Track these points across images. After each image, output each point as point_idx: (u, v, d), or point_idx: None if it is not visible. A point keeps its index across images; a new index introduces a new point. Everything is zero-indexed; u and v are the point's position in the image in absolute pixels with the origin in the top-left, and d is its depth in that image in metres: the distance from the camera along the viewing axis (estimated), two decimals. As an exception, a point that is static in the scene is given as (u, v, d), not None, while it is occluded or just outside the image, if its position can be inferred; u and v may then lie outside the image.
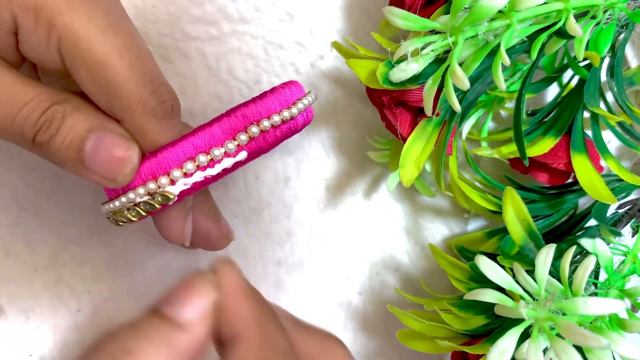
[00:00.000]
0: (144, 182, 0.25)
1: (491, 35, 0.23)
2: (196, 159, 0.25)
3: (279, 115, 0.25)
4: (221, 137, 0.25)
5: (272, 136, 0.26)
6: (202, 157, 0.25)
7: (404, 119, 0.26)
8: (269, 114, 0.25)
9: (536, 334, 0.23)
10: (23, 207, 0.32)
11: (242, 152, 0.25)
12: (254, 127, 0.25)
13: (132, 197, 0.25)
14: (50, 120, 0.23)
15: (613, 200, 0.27)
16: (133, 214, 0.25)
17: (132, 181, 0.25)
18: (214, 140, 0.25)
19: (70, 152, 0.23)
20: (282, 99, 0.26)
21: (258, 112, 0.25)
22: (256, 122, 0.25)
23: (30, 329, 0.33)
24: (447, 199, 0.36)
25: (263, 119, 0.25)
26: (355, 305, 0.36)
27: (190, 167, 0.25)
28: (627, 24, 0.27)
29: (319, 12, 0.35)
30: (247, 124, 0.25)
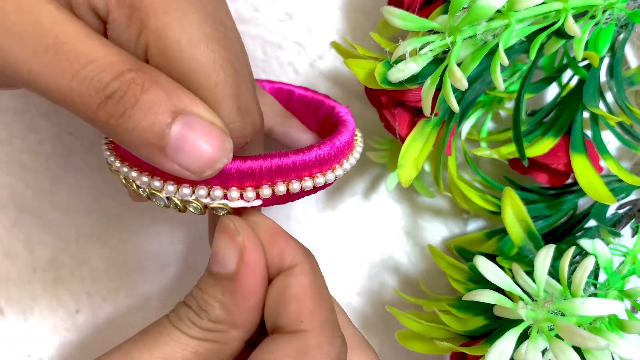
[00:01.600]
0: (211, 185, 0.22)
1: (490, 35, 0.23)
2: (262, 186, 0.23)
3: (313, 180, 0.23)
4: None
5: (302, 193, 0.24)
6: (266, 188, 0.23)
7: (402, 119, 0.26)
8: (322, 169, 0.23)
9: (535, 335, 0.23)
10: (22, 208, 0.32)
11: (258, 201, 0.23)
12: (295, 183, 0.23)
13: (186, 192, 0.22)
14: (125, 90, 0.19)
15: (612, 200, 0.27)
16: (172, 204, 0.23)
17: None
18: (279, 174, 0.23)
19: (148, 135, 0.19)
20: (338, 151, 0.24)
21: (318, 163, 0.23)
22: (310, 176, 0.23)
23: (29, 330, 0.33)
24: (447, 200, 0.36)
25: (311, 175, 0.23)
26: (354, 306, 0.36)
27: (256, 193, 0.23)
28: (627, 24, 0.27)
29: (318, 12, 0.35)
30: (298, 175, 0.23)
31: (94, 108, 0.19)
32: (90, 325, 0.33)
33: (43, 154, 0.33)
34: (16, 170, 0.32)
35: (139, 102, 0.19)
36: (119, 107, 0.19)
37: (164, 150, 0.20)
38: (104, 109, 0.19)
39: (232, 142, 0.21)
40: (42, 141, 0.33)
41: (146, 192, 0.23)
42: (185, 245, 0.34)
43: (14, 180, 0.32)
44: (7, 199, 0.32)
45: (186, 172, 0.20)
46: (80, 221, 0.33)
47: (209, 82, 0.21)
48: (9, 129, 0.32)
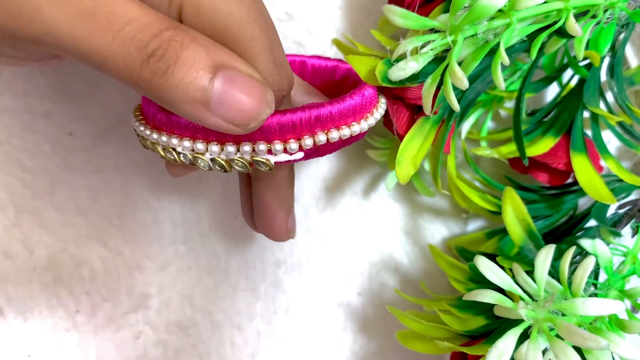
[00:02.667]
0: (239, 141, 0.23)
1: (491, 34, 0.23)
2: (298, 139, 0.23)
3: (349, 128, 0.24)
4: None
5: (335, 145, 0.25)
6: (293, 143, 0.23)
7: (401, 116, 0.26)
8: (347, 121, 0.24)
9: (535, 335, 0.23)
10: (21, 208, 0.32)
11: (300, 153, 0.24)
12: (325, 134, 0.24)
13: (214, 150, 0.23)
14: (165, 47, 0.19)
15: (613, 200, 0.27)
16: (217, 165, 0.23)
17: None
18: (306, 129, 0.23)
19: (192, 91, 0.20)
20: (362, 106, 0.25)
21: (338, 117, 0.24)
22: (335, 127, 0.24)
23: (28, 330, 0.32)
24: (447, 200, 0.36)
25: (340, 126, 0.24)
26: (354, 305, 0.36)
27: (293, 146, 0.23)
28: (628, 24, 0.27)
29: (318, 12, 0.35)
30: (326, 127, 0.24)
31: (136, 68, 0.19)
32: (90, 325, 0.33)
33: (42, 154, 0.33)
34: (15, 171, 0.32)
35: (180, 59, 0.19)
36: (161, 64, 0.19)
37: (207, 105, 0.20)
38: (147, 68, 0.19)
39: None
40: (42, 141, 0.33)
41: (188, 157, 0.23)
42: (185, 245, 0.34)
43: (13, 180, 0.32)
44: (7, 199, 0.32)
45: (231, 126, 0.20)
46: (80, 221, 0.33)
47: (244, 36, 0.21)
48: (8, 128, 0.32)
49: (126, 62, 0.19)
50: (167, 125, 0.23)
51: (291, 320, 0.35)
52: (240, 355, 0.34)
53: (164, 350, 0.34)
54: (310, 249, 0.35)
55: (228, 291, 0.34)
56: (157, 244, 0.34)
